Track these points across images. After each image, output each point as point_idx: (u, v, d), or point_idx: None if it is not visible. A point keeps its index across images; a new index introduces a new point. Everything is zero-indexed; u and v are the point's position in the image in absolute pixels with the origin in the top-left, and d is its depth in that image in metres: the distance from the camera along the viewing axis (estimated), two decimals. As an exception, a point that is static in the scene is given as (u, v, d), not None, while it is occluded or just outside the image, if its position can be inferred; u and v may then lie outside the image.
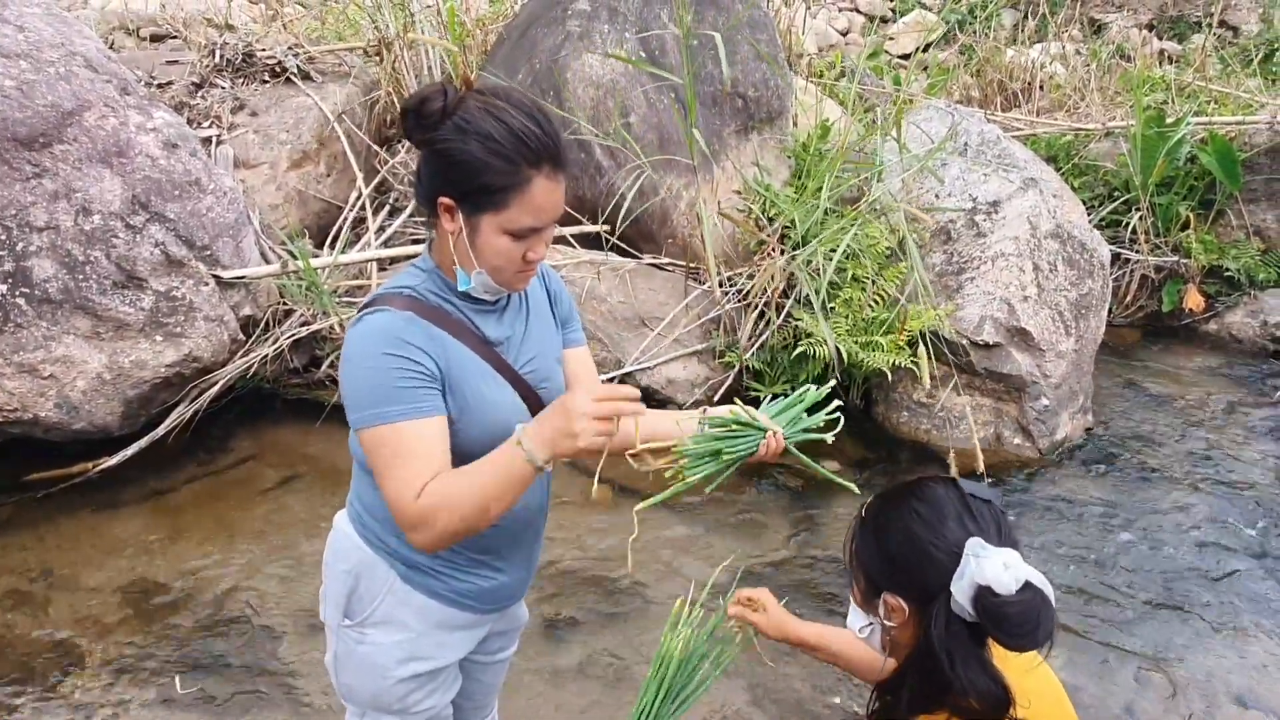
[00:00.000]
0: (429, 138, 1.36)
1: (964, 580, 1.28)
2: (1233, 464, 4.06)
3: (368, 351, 1.37)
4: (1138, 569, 3.37)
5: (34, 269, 3.20)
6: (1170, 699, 2.79)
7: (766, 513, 3.63)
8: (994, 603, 1.26)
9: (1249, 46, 9.13)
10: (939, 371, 4.15)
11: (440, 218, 1.41)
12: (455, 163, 1.36)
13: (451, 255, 1.44)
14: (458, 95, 1.37)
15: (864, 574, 1.41)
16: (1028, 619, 1.26)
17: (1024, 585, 1.27)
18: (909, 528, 1.35)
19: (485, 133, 1.34)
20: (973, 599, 1.27)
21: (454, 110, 1.35)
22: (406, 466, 1.35)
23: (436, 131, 1.35)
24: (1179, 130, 5.15)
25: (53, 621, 2.87)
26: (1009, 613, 1.26)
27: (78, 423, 3.34)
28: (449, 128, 1.35)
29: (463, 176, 1.36)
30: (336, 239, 4.44)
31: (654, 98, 4.31)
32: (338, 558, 1.61)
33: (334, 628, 1.62)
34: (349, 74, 4.93)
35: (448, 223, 1.40)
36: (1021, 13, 9.10)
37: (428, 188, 1.41)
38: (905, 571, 1.35)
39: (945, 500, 1.35)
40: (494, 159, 1.34)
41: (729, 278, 4.26)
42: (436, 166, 1.38)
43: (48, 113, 3.25)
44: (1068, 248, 4.21)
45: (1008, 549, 1.30)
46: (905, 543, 1.35)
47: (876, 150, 4.42)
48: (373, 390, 1.36)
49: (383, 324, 1.38)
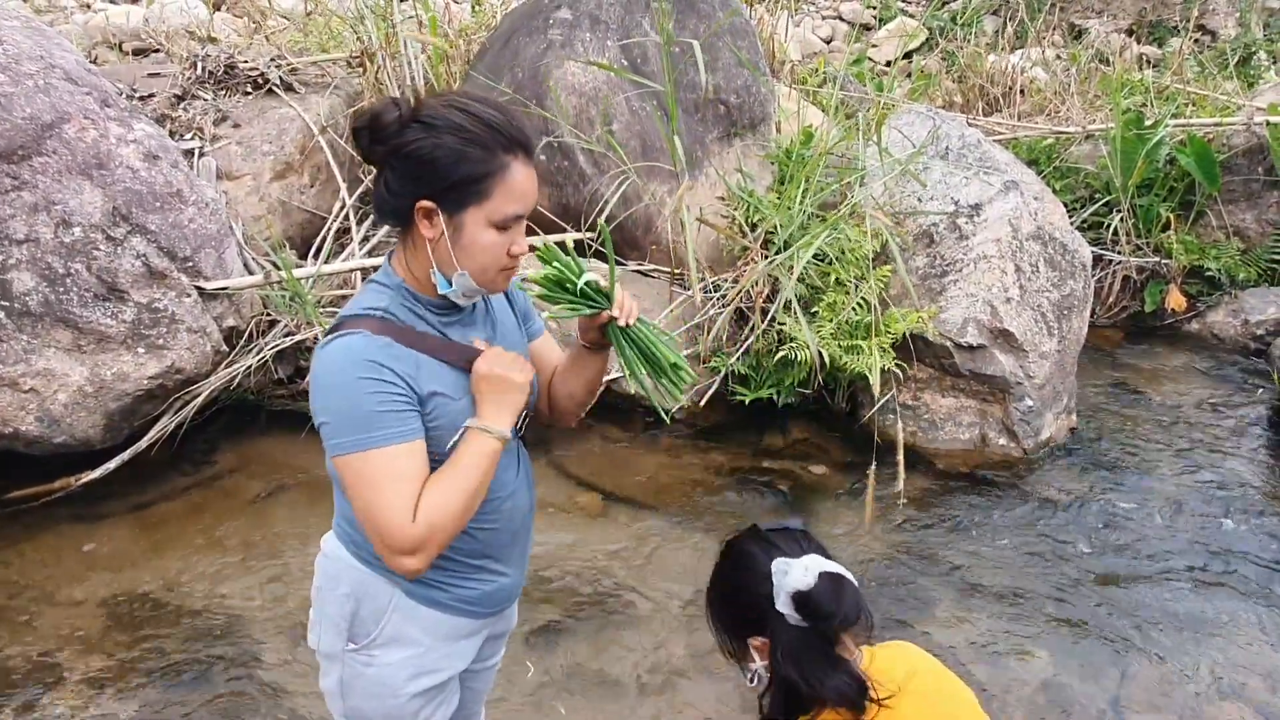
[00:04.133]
0: (394, 145, 1.34)
1: (781, 595, 1.50)
2: (1216, 461, 4.08)
3: (344, 376, 1.34)
4: (1124, 566, 3.38)
5: (13, 282, 3.18)
6: (1157, 694, 2.80)
7: (755, 516, 3.62)
8: (805, 598, 1.48)
9: (1225, 50, 9.23)
10: (924, 374, 4.17)
11: (417, 225, 1.38)
12: (430, 160, 1.33)
13: (425, 264, 1.41)
14: (411, 103, 1.36)
15: (725, 636, 1.64)
16: (828, 598, 1.48)
17: (820, 575, 1.50)
18: (732, 581, 1.62)
19: (456, 125, 1.32)
20: (794, 606, 1.49)
21: (414, 115, 1.34)
22: (397, 492, 1.33)
23: (401, 137, 1.33)
24: (1157, 132, 5.19)
25: (34, 636, 2.84)
26: (816, 600, 1.47)
27: (59, 436, 3.32)
28: (415, 129, 1.33)
29: (440, 173, 1.33)
30: (320, 249, 4.44)
31: (636, 105, 4.33)
32: (333, 582, 1.57)
33: (335, 654, 1.58)
34: (332, 85, 4.93)
35: (426, 228, 1.38)
36: (1003, 19, 9.18)
37: (398, 197, 1.37)
38: (746, 615, 1.57)
39: (749, 548, 1.60)
40: (471, 148, 1.33)
41: (713, 284, 4.27)
42: (407, 171, 1.35)
43: (26, 125, 3.24)
44: (1049, 249, 4.24)
45: (809, 555, 1.54)
46: (735, 594, 1.61)
47: (858, 155, 4.44)
48: (352, 416, 1.33)
49: (356, 346, 1.35)
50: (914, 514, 3.67)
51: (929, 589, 3.25)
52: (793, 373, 4.01)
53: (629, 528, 3.50)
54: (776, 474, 3.92)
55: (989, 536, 3.55)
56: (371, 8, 4.87)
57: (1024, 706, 2.76)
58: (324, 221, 4.63)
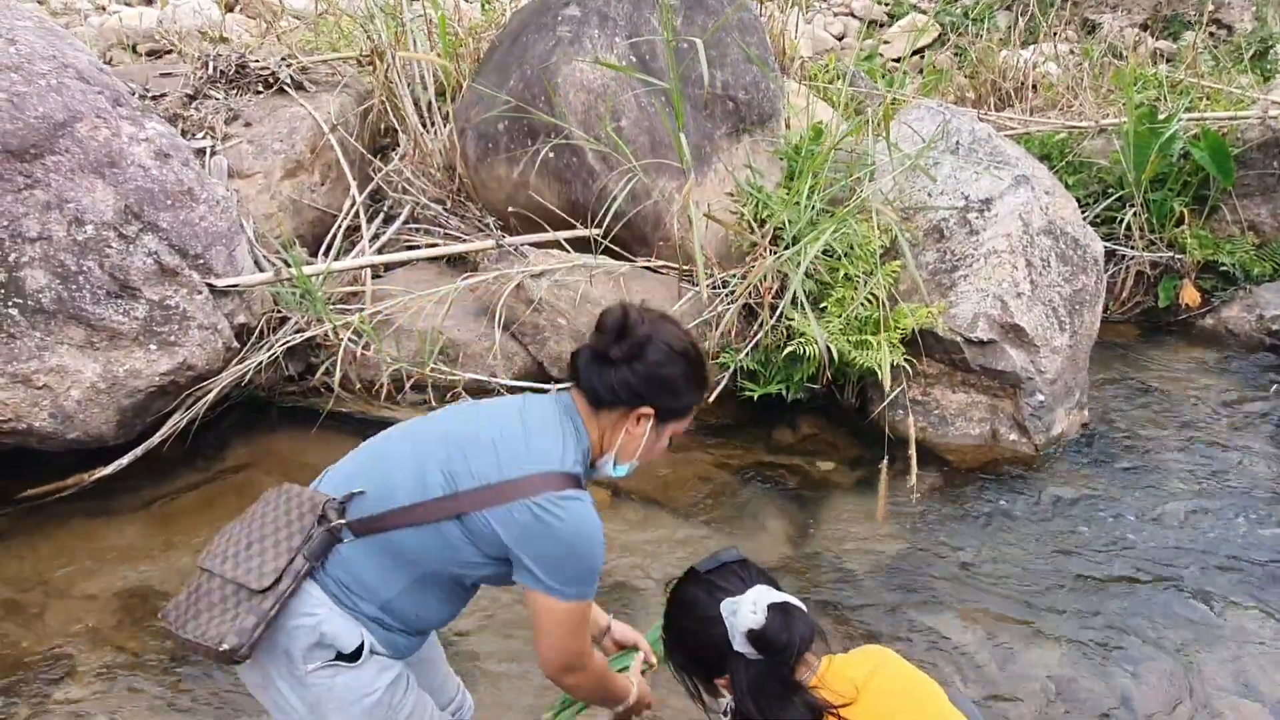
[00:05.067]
0: (639, 353, 1.67)
1: (737, 636, 1.59)
2: (1230, 457, 4.05)
3: (590, 542, 1.65)
4: (1136, 563, 3.36)
5: (27, 279, 3.21)
6: (1168, 691, 2.78)
7: (764, 513, 3.63)
8: (759, 636, 1.57)
9: (1240, 44, 9.14)
10: (934, 369, 4.15)
11: (629, 419, 1.71)
12: (666, 384, 1.70)
13: (611, 444, 1.74)
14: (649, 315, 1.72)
15: (691, 678, 1.75)
16: (780, 632, 1.56)
17: (769, 609, 1.58)
18: (686, 630, 1.71)
19: (691, 359, 1.72)
20: (750, 644, 1.57)
21: (656, 332, 1.69)
22: (586, 636, 1.75)
23: (648, 354, 1.67)
24: (1171, 126, 5.15)
25: (47, 630, 2.87)
26: (770, 637, 1.56)
27: (72, 432, 3.35)
28: (661, 349, 1.68)
29: (670, 396, 1.72)
30: (331, 247, 4.46)
31: (645, 101, 4.33)
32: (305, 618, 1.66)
33: (298, 680, 1.66)
34: (342, 83, 4.95)
35: (635, 426, 1.72)
36: (1015, 14, 9.13)
37: (631, 395, 1.69)
38: (708, 658, 1.66)
39: (692, 593, 1.70)
40: (695, 383, 1.75)
41: (722, 280, 4.26)
42: (647, 383, 1.68)
43: (39, 124, 3.26)
44: (1060, 244, 4.21)
45: (754, 588, 1.63)
46: (693, 641, 1.70)
47: (868, 150, 4.43)
48: (591, 571, 1.67)
49: (594, 516, 1.67)
50: (924, 510, 3.65)
51: (940, 585, 3.23)
52: (802, 368, 4.00)
53: (637, 523, 3.50)
54: (785, 470, 3.91)
55: (1000, 533, 3.53)
56: (381, 7, 4.89)
57: (1034, 703, 2.74)
58: (334, 219, 4.65)
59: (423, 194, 4.71)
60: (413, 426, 1.80)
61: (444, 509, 1.63)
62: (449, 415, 1.81)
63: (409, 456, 1.70)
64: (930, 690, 1.65)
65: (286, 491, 1.72)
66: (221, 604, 1.60)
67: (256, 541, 1.65)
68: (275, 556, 1.61)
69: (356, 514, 1.67)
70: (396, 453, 1.73)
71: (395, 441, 1.78)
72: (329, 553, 1.66)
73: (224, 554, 1.66)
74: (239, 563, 1.63)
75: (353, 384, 4.02)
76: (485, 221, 4.59)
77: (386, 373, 3.93)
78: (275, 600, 1.58)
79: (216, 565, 1.65)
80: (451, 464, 1.65)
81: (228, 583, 1.62)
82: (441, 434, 1.72)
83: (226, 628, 1.56)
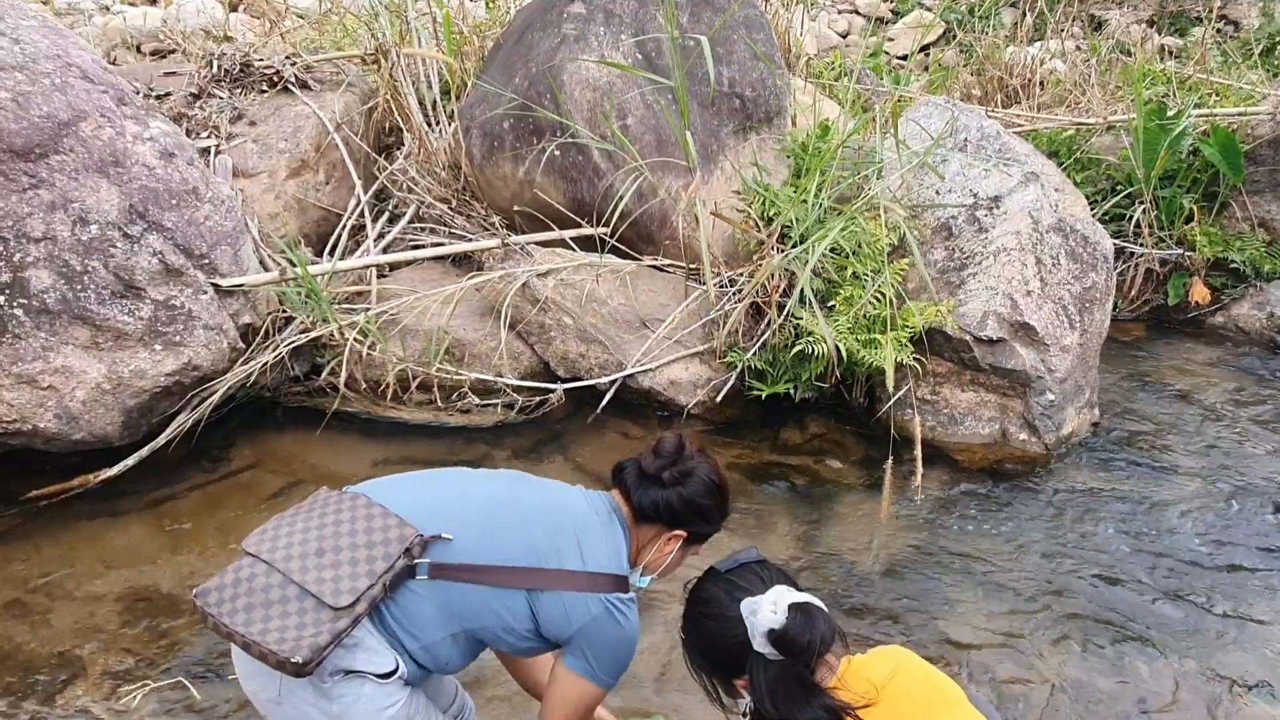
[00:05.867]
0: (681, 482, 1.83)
1: (756, 636, 1.59)
2: (1242, 455, 4.01)
3: (631, 644, 1.81)
4: (1148, 563, 3.33)
5: (31, 280, 3.20)
6: (1184, 692, 2.75)
7: (774, 512, 3.61)
8: (780, 636, 1.56)
9: (1249, 39, 9.09)
10: (942, 368, 4.12)
11: (662, 538, 1.88)
12: (701, 511, 1.85)
13: (640, 557, 1.89)
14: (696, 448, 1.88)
15: (710, 679, 1.74)
16: (802, 632, 1.56)
17: (789, 609, 1.58)
18: (706, 629, 1.70)
19: (724, 492, 1.89)
20: (771, 644, 1.57)
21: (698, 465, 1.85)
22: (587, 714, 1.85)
23: (689, 481, 1.83)
24: (1180, 122, 5.11)
25: (54, 632, 2.85)
26: (791, 637, 1.55)
27: (78, 433, 3.34)
28: (700, 481, 1.84)
29: (702, 523, 1.87)
30: (336, 246, 4.44)
31: (651, 99, 4.30)
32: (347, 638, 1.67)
33: (323, 692, 1.65)
34: (346, 82, 4.93)
35: (666, 545, 1.88)
36: (1021, 11, 9.08)
37: (672, 517, 1.84)
38: (727, 658, 1.66)
39: (711, 593, 1.72)
40: (720, 515, 1.91)
41: (729, 278, 4.24)
42: (686, 506, 1.84)
43: (44, 123, 3.25)
44: (1070, 241, 4.18)
45: (773, 588, 1.63)
46: (712, 641, 1.69)
47: (875, 148, 4.40)
48: (626, 666, 1.82)
49: (638, 621, 1.82)
50: (933, 509, 3.63)
51: (948, 585, 3.21)
52: (810, 367, 3.98)
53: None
54: (793, 469, 3.89)
55: (1009, 532, 3.50)
56: (386, 5, 4.87)
57: (1045, 702, 2.72)
58: (339, 218, 4.64)
59: (428, 193, 4.70)
60: (488, 485, 1.88)
61: (523, 579, 1.71)
62: (523, 486, 1.90)
63: (495, 519, 1.77)
64: (951, 691, 1.63)
65: (365, 507, 1.70)
66: (283, 606, 1.57)
67: (330, 551, 1.62)
68: (354, 576, 1.59)
69: (436, 556, 1.69)
70: (477, 508, 1.79)
71: (471, 492, 1.84)
72: (401, 585, 1.67)
73: (287, 550, 1.62)
74: (308, 568, 1.59)
75: (358, 384, 4.01)
76: (490, 220, 4.57)
77: (393, 372, 3.92)
78: (350, 622, 1.58)
79: (280, 560, 1.61)
80: (538, 539, 1.75)
81: (292, 584, 1.58)
82: (524, 505, 1.82)
83: (297, 639, 1.53)
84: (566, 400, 4.11)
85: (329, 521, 1.68)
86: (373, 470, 3.75)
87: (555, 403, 4.09)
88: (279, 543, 1.65)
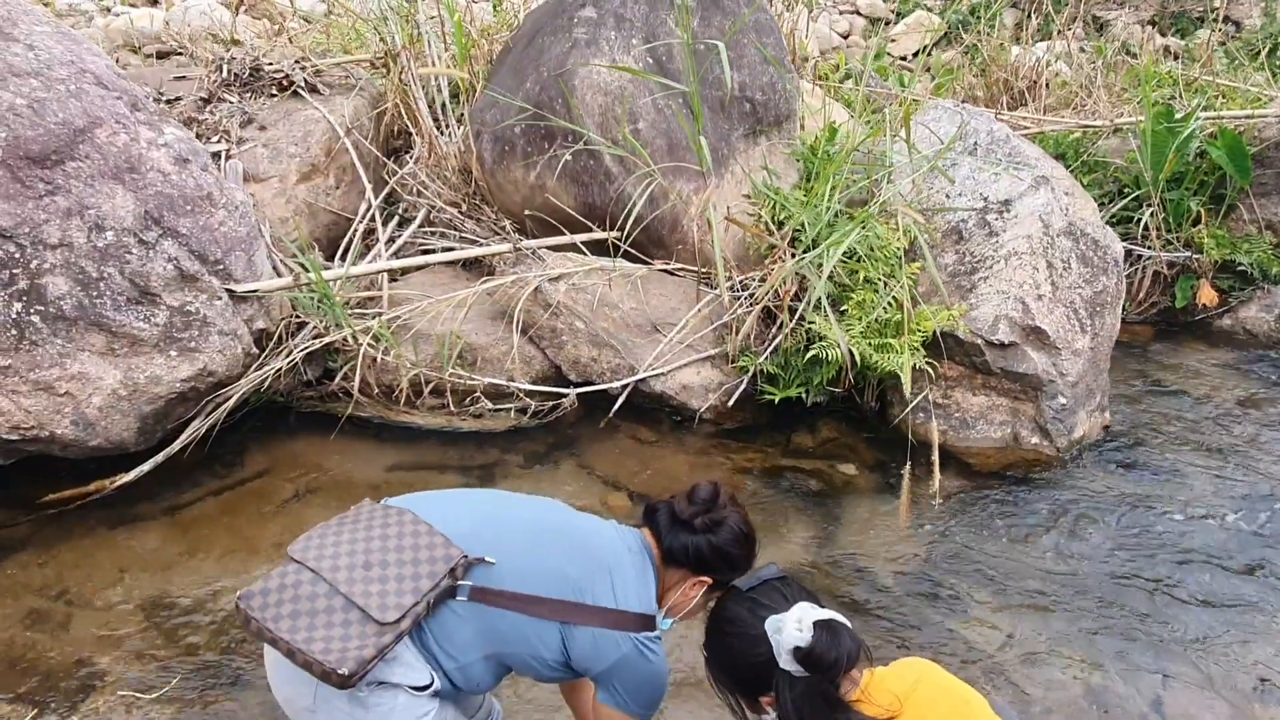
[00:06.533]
0: (713, 530, 1.84)
1: (782, 654, 1.60)
2: (1251, 459, 4.03)
3: (667, 676, 1.88)
4: (1164, 565, 3.34)
5: (48, 286, 3.20)
6: (1200, 696, 2.77)
7: (786, 516, 3.62)
8: (806, 653, 1.57)
9: (1252, 40, 9.11)
10: (954, 372, 4.13)
11: (688, 582, 1.88)
12: (729, 560, 1.86)
13: (669, 599, 1.90)
14: (727, 495, 1.91)
15: (734, 695, 1.75)
16: (828, 649, 1.57)
17: (814, 627, 1.59)
18: (730, 647, 1.72)
19: (752, 542, 1.90)
20: (797, 662, 1.58)
21: (729, 514, 1.87)
22: None
23: (720, 530, 1.84)
24: (1188, 125, 5.12)
25: (73, 639, 2.85)
26: (818, 654, 1.57)
27: (94, 439, 3.34)
28: (731, 530, 1.85)
29: (728, 570, 1.87)
30: (347, 251, 4.44)
31: (662, 104, 4.31)
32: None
33: (359, 701, 1.67)
34: (356, 86, 4.94)
35: (693, 590, 1.89)
36: (1023, 11, 9.09)
37: (699, 563, 1.86)
38: (752, 676, 1.67)
39: (735, 612, 1.73)
40: (746, 564, 1.89)
41: (741, 282, 4.25)
42: (714, 553, 1.85)
43: (59, 130, 3.25)
44: (1081, 245, 4.19)
45: (796, 605, 1.64)
46: (736, 660, 1.70)
47: (885, 151, 4.41)
48: (660, 700, 1.88)
49: (665, 660, 1.87)
50: (946, 513, 3.64)
51: (964, 589, 3.22)
52: (822, 371, 3.98)
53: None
54: (806, 474, 3.90)
55: (1023, 536, 3.51)
56: (394, 9, 4.86)
57: (1064, 708, 2.73)
58: (350, 223, 4.64)
59: (438, 197, 4.70)
60: (527, 511, 1.92)
61: (559, 611, 1.73)
62: (561, 515, 1.93)
63: (535, 546, 1.81)
64: (975, 701, 1.64)
65: (412, 523, 1.73)
66: (329, 616, 1.59)
67: (378, 566, 1.64)
68: (400, 593, 1.62)
69: (478, 579, 1.73)
70: (517, 534, 1.82)
71: (511, 515, 1.88)
72: (442, 604, 1.70)
73: (334, 560, 1.65)
74: (355, 580, 1.62)
75: (371, 389, 4.01)
76: (501, 225, 4.57)
77: (405, 377, 3.92)
78: (394, 638, 1.60)
79: (327, 570, 1.64)
80: (573, 571, 1.78)
81: (339, 595, 1.61)
82: (562, 536, 1.86)
83: (343, 650, 1.55)
84: (579, 404, 4.12)
85: (376, 535, 1.70)
86: (386, 475, 3.76)
87: (568, 407, 4.09)
88: (325, 551, 1.67)
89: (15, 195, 3.15)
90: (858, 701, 1.61)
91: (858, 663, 1.62)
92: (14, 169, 3.16)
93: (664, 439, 4.06)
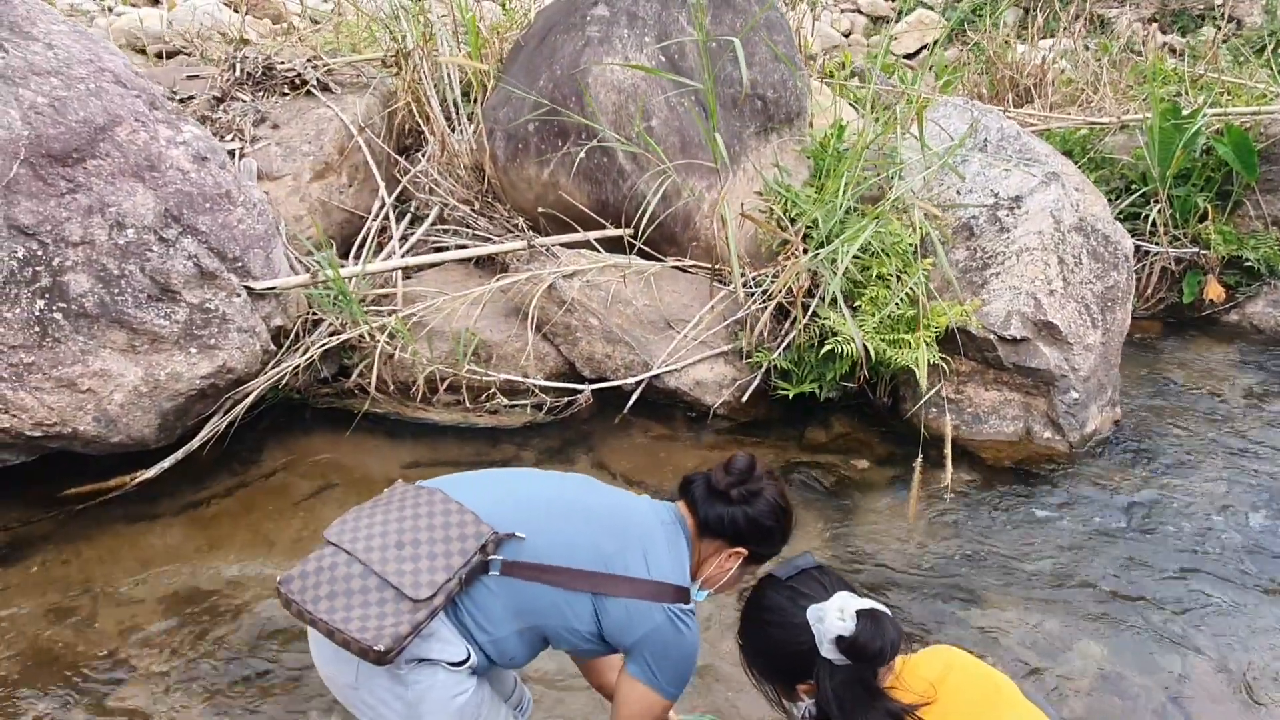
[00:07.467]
0: (749, 501, 1.84)
1: (824, 643, 1.60)
2: (1261, 453, 4.06)
3: (698, 651, 1.85)
4: (1177, 557, 3.37)
5: (70, 284, 3.22)
6: (1219, 684, 2.79)
7: (802, 511, 3.64)
8: (849, 642, 1.58)
9: (1254, 38, 9.14)
10: (966, 367, 4.15)
11: (723, 554, 1.88)
12: (765, 532, 1.86)
13: (705, 571, 1.90)
14: (767, 469, 1.91)
15: (771, 683, 1.76)
16: (872, 639, 1.58)
17: (857, 616, 1.59)
18: (770, 636, 1.71)
19: (788, 515, 1.90)
20: (838, 651, 1.59)
21: (766, 485, 1.87)
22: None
23: (757, 501, 1.84)
24: (1196, 122, 5.15)
25: (98, 634, 2.87)
26: (860, 642, 1.57)
27: (116, 436, 3.36)
28: (767, 502, 1.85)
29: (765, 543, 1.89)
30: (361, 248, 4.46)
31: (675, 101, 4.33)
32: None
33: (398, 678, 1.70)
34: (368, 85, 4.95)
35: (728, 561, 1.89)
36: (1025, 9, 9.12)
37: (735, 534, 1.86)
38: (791, 665, 1.67)
39: (775, 600, 1.72)
40: (782, 537, 1.91)
41: (754, 279, 4.27)
42: (750, 525, 1.85)
43: (80, 128, 3.27)
44: (1092, 240, 4.22)
45: (836, 594, 1.65)
46: (776, 649, 1.70)
47: (896, 148, 4.43)
48: (689, 677, 1.86)
49: (698, 629, 1.85)
50: (960, 508, 3.66)
51: (978, 582, 3.24)
52: (835, 367, 4.01)
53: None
54: (820, 469, 3.92)
55: (1036, 530, 3.54)
56: (406, 7, 4.88)
57: (1081, 699, 2.75)
58: (363, 220, 4.66)
59: (450, 195, 4.72)
60: (558, 487, 1.93)
61: (590, 582, 1.74)
62: (592, 491, 1.94)
63: (566, 521, 1.82)
64: (1006, 686, 1.66)
65: (443, 502, 1.76)
66: (364, 595, 1.62)
67: (410, 545, 1.67)
68: (432, 570, 1.65)
69: (509, 554, 1.75)
70: (548, 509, 1.84)
71: (542, 492, 1.89)
72: (474, 580, 1.72)
73: (368, 541, 1.68)
74: (388, 560, 1.65)
75: (387, 385, 4.03)
76: (514, 222, 4.59)
77: (421, 374, 3.94)
78: (429, 614, 1.63)
79: (361, 551, 1.67)
80: (606, 544, 1.79)
81: (374, 574, 1.64)
82: (593, 510, 1.86)
83: (379, 628, 1.58)
84: (593, 401, 4.14)
85: (408, 515, 1.73)
86: (403, 471, 3.78)
87: (582, 403, 4.11)
88: (359, 533, 1.70)
89: (38, 193, 3.17)
90: (893, 688, 1.63)
91: (900, 651, 1.63)
92: (36, 167, 3.18)
93: (678, 435, 4.09)
